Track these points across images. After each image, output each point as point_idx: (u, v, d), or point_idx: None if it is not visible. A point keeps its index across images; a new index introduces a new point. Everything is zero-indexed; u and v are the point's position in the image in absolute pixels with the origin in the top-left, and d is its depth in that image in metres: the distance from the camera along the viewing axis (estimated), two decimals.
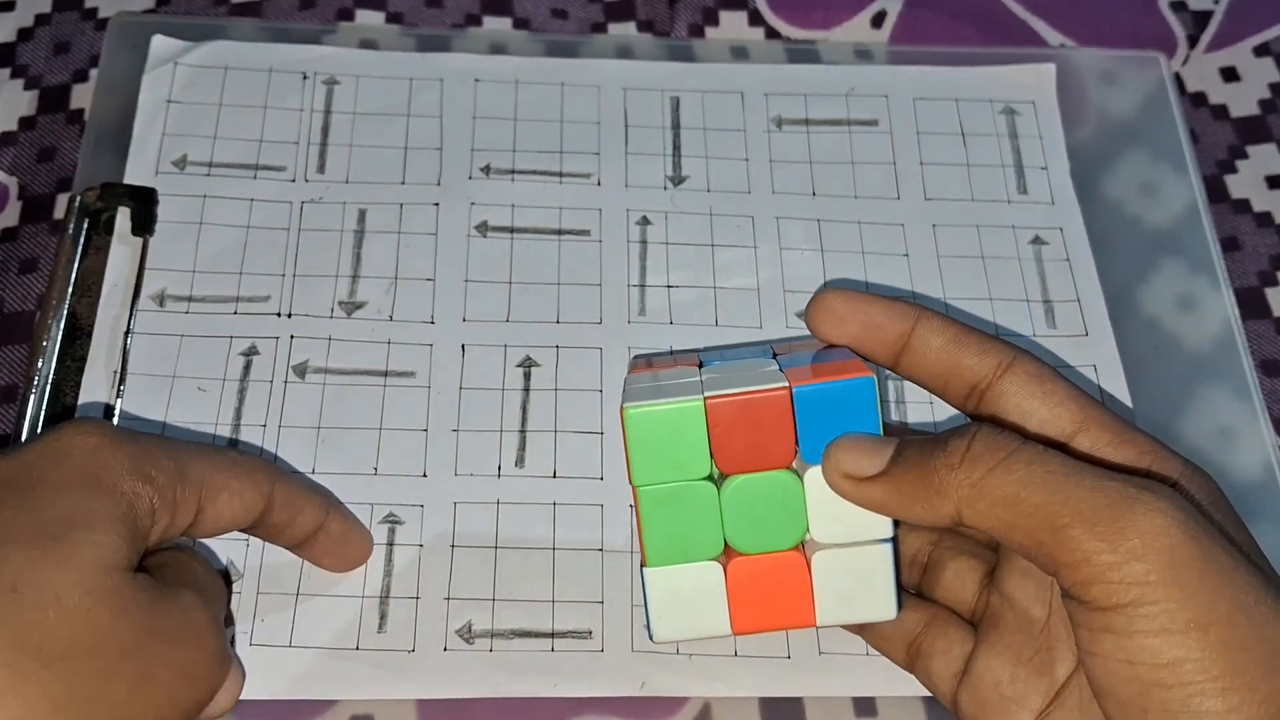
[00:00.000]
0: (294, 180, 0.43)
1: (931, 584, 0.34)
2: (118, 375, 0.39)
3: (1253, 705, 0.25)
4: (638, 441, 0.30)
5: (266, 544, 0.36)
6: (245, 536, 0.36)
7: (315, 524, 0.34)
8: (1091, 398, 0.30)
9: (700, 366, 0.33)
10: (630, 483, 0.31)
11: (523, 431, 0.39)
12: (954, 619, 0.33)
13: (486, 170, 0.44)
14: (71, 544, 0.27)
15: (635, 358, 0.40)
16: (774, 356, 0.33)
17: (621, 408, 0.30)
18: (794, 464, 0.31)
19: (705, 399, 0.30)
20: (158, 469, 0.30)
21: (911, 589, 0.35)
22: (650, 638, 0.32)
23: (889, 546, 0.31)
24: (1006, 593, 0.31)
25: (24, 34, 0.47)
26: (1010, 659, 0.31)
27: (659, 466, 0.30)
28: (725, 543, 0.31)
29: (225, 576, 0.36)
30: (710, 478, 0.31)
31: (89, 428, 0.30)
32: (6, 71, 0.46)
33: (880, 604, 0.31)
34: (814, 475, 0.30)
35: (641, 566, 0.31)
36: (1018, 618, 0.31)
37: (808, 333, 0.33)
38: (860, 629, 0.35)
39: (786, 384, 0.30)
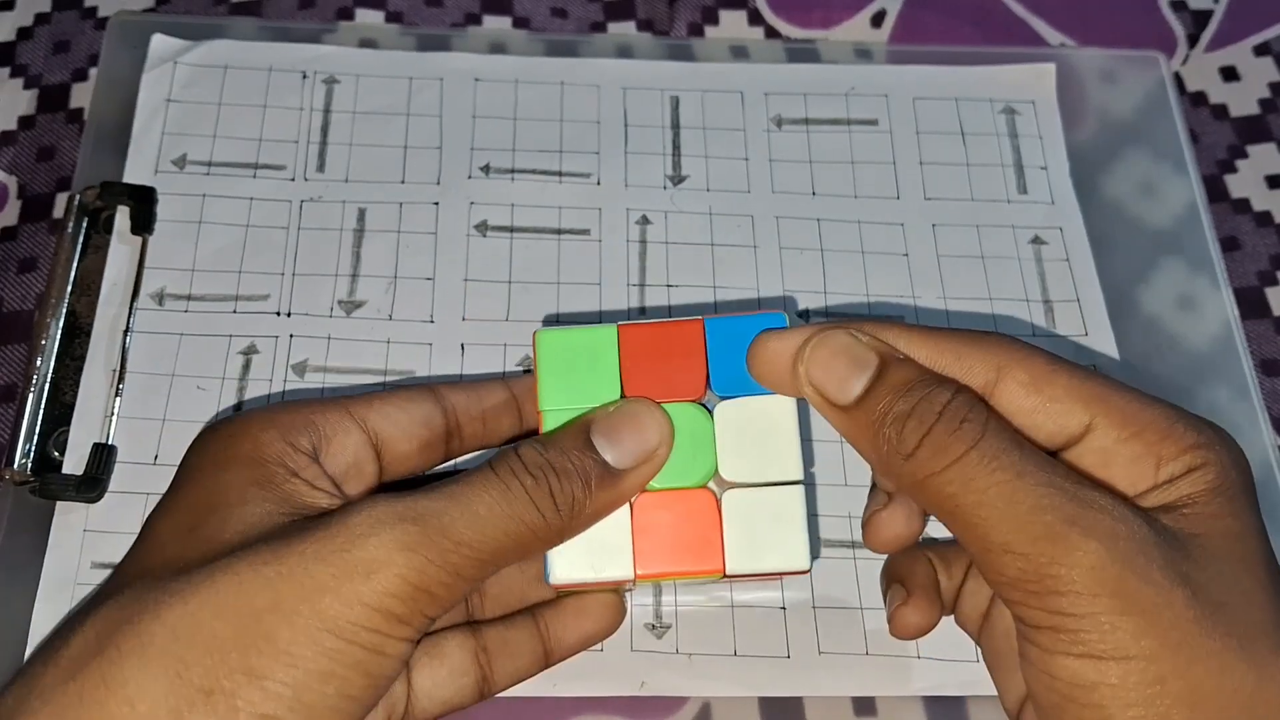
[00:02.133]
0: (293, 179, 0.43)
1: None
2: (117, 374, 0.39)
3: None
4: (548, 365, 0.30)
5: None
6: None
7: (505, 395, 0.34)
8: (1097, 378, 0.28)
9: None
10: (537, 409, 0.30)
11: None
12: None
13: (486, 169, 0.44)
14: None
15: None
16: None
17: (534, 332, 0.31)
18: (705, 399, 0.30)
19: (619, 325, 0.30)
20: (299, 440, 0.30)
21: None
22: (546, 578, 0.30)
23: (801, 489, 0.30)
24: None
25: (23, 33, 0.47)
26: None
27: (568, 392, 0.30)
28: None
29: None
30: None
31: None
32: (6, 71, 0.46)
33: (792, 552, 0.30)
34: (724, 410, 0.30)
35: None
36: None
37: None
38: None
39: (702, 317, 0.30)
